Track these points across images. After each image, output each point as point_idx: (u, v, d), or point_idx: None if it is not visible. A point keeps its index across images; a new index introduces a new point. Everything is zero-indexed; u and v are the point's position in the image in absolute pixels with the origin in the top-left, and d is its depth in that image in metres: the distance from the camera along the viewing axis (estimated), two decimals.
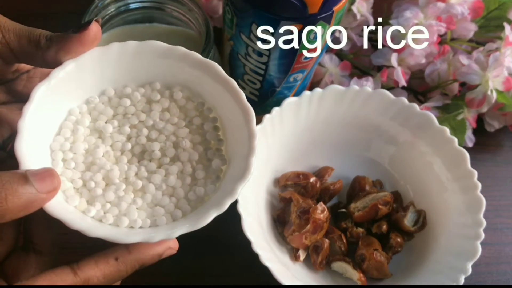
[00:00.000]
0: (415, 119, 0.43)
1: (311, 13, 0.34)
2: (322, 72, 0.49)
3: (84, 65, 0.27)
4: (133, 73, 0.29)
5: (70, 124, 0.28)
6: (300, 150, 0.45)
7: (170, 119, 0.29)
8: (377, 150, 0.46)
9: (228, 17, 0.38)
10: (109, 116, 0.29)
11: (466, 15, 0.48)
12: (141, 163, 0.28)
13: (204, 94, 0.30)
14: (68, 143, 0.28)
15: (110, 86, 0.29)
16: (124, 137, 0.29)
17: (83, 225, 0.24)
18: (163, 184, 0.28)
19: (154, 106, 0.29)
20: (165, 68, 0.29)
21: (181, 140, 0.29)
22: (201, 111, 0.30)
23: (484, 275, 0.45)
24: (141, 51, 0.28)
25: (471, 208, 0.40)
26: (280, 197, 0.43)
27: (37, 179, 0.23)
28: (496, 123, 0.51)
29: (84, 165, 0.28)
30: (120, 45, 0.27)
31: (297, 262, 0.40)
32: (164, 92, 0.30)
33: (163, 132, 0.29)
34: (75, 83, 0.27)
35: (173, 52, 0.28)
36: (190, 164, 0.29)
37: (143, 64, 0.28)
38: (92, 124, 0.29)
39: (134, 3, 0.39)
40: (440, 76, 0.49)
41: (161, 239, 0.25)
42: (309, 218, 0.39)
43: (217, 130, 0.30)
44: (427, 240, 0.42)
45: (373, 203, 0.41)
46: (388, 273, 0.40)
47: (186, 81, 0.29)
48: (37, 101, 0.25)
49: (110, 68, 0.28)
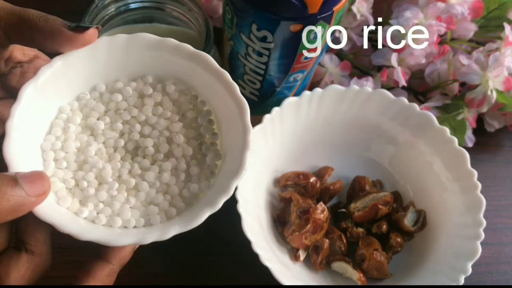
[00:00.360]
0: (415, 119, 0.43)
1: (311, 13, 0.34)
2: (322, 72, 0.49)
3: (73, 62, 0.26)
4: (124, 67, 0.28)
5: (61, 122, 0.27)
6: (300, 150, 0.45)
7: (163, 114, 0.28)
8: (377, 150, 0.46)
9: (228, 17, 0.38)
10: (100, 112, 0.28)
11: (466, 15, 0.48)
12: (134, 159, 0.28)
13: (197, 87, 0.29)
14: (59, 142, 0.27)
15: (101, 81, 0.28)
16: (117, 134, 0.28)
17: (74, 229, 0.24)
18: (157, 182, 0.27)
19: (147, 101, 0.28)
20: (156, 61, 0.28)
21: (175, 135, 0.28)
22: (195, 105, 0.29)
23: (484, 275, 0.45)
24: (131, 44, 0.27)
25: (471, 208, 0.40)
26: (280, 197, 0.43)
27: (27, 181, 0.23)
28: (496, 123, 0.51)
29: (76, 164, 0.27)
30: (109, 39, 0.26)
31: (297, 262, 0.40)
32: (156, 85, 0.29)
33: (156, 127, 0.28)
34: (65, 80, 0.26)
35: (164, 44, 0.27)
36: (185, 160, 0.28)
37: (134, 57, 0.27)
38: (83, 121, 0.28)
39: (134, 3, 0.39)
40: (440, 76, 0.49)
41: (153, 241, 0.24)
42: (309, 218, 0.39)
43: (211, 124, 0.29)
44: (427, 240, 0.42)
45: (373, 203, 0.41)
46: (388, 273, 0.40)
47: (179, 74, 0.28)
48: (25, 100, 0.25)
49: (100, 63, 0.27)
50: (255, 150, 0.40)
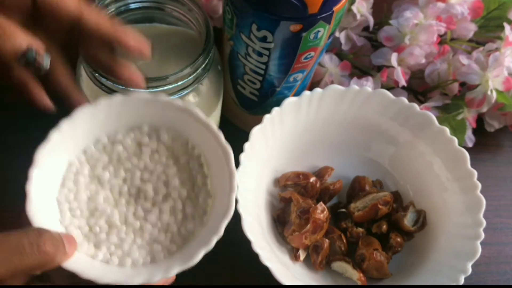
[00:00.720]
0: (415, 119, 0.43)
1: (311, 13, 0.34)
2: (322, 72, 0.49)
3: (77, 122, 0.30)
4: (122, 119, 0.32)
5: (72, 175, 0.31)
6: (300, 150, 0.45)
7: (159, 160, 0.32)
8: (377, 150, 0.46)
9: (228, 17, 0.38)
10: (105, 162, 0.32)
11: (466, 15, 0.48)
12: (137, 202, 0.31)
13: (187, 133, 0.33)
14: (72, 194, 0.31)
15: (103, 134, 0.32)
16: (120, 181, 0.31)
17: (93, 273, 0.27)
18: (158, 222, 0.31)
19: (144, 149, 0.32)
20: (151, 112, 0.32)
21: (171, 178, 0.32)
22: (186, 149, 0.33)
23: (484, 275, 0.45)
24: (127, 102, 0.31)
25: (471, 208, 0.40)
26: (280, 197, 0.43)
27: (67, 241, 0.27)
28: (496, 123, 0.51)
29: (88, 211, 0.31)
30: (107, 100, 0.30)
31: (297, 262, 0.40)
32: (151, 134, 0.32)
33: (154, 172, 0.32)
34: (71, 138, 0.30)
35: (157, 100, 0.31)
36: (180, 201, 0.31)
37: (130, 111, 0.31)
38: (91, 172, 0.31)
39: (134, 3, 0.39)
40: (440, 76, 0.49)
41: (160, 279, 0.28)
42: (309, 218, 0.39)
43: (202, 167, 0.32)
44: (427, 240, 0.42)
45: (373, 203, 0.41)
46: (388, 273, 0.40)
47: (171, 123, 0.32)
48: (40, 163, 0.28)
49: (101, 118, 0.31)
50: (255, 150, 0.40)
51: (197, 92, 0.39)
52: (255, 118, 0.42)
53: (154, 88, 0.34)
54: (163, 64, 0.39)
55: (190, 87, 0.36)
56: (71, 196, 0.31)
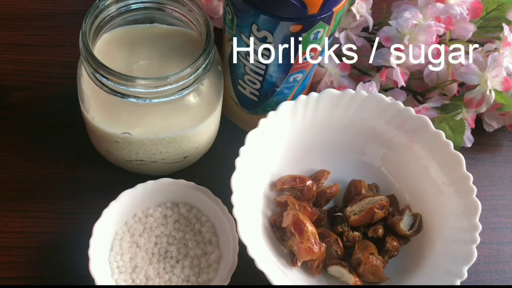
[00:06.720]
0: (411, 123, 0.43)
1: (311, 14, 0.34)
2: (322, 72, 0.49)
3: (121, 203, 0.40)
4: (153, 198, 0.42)
5: (118, 242, 0.41)
6: (296, 153, 0.45)
7: (180, 228, 0.42)
8: (373, 153, 0.46)
9: (228, 18, 0.38)
10: (140, 231, 0.42)
11: (465, 16, 0.48)
12: (165, 260, 0.41)
13: (200, 206, 0.43)
14: (119, 256, 0.40)
15: (139, 210, 0.42)
16: (152, 244, 0.41)
17: None
18: (182, 274, 0.40)
19: (169, 220, 0.42)
20: (173, 191, 0.42)
21: (189, 241, 0.41)
22: (199, 219, 0.43)
23: (483, 274, 0.45)
24: (156, 185, 0.42)
25: (467, 212, 0.40)
26: (276, 201, 0.43)
27: None
28: (494, 123, 0.51)
29: (130, 268, 0.40)
30: (142, 185, 0.41)
31: (295, 267, 0.40)
32: (174, 208, 0.43)
33: (176, 237, 0.42)
34: (117, 213, 0.40)
35: (177, 183, 0.42)
36: (197, 258, 0.41)
37: (159, 191, 0.42)
38: (131, 238, 0.41)
39: (135, 4, 0.39)
40: (439, 76, 0.49)
41: None
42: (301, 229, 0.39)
43: (212, 232, 0.42)
44: (423, 244, 0.42)
45: (369, 207, 0.41)
46: (384, 277, 0.40)
47: (187, 199, 0.43)
48: (96, 234, 0.39)
49: (138, 199, 0.41)
50: (251, 153, 0.40)
51: (197, 92, 0.39)
52: (255, 118, 0.42)
53: (155, 89, 0.35)
54: (164, 65, 0.39)
55: (191, 87, 0.36)
56: (118, 257, 0.40)
